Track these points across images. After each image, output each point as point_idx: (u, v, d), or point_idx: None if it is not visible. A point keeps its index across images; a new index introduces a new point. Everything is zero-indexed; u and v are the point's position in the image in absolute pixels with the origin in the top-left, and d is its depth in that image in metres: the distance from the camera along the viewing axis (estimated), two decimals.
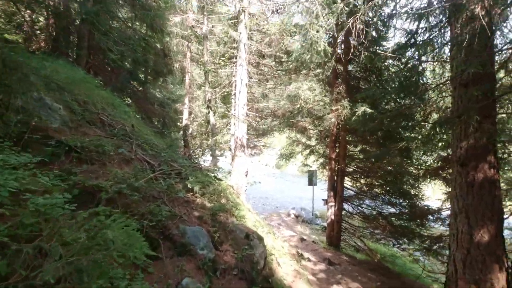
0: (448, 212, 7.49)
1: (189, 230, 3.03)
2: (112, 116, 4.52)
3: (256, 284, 3.30)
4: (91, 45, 6.51)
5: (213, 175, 5.78)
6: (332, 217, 8.98)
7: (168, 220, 2.98)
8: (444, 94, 6.90)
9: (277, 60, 9.15)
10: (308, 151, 10.69)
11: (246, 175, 7.83)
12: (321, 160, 10.70)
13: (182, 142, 8.91)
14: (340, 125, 8.92)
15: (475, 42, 3.47)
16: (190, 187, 3.64)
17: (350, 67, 9.86)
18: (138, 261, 2.04)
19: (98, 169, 3.07)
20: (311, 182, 12.06)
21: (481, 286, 3.90)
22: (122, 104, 5.94)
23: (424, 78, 6.33)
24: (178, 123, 8.78)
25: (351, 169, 9.99)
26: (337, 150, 9.12)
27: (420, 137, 7.23)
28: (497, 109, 4.39)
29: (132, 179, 3.10)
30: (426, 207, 7.65)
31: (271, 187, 17.67)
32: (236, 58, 7.81)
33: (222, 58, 8.03)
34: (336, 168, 9.12)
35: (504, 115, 5.35)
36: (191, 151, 7.57)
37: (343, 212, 9.24)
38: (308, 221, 11.59)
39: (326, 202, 9.43)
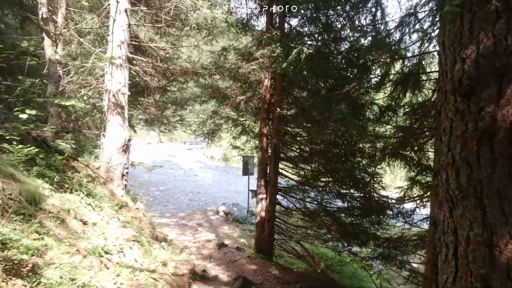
0: (412, 204, 5.47)
1: None
2: None
3: None
4: None
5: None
6: (262, 213, 6.59)
7: None
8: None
9: None
10: (239, 129, 8.22)
11: (125, 151, 5.07)
12: (256, 141, 8.31)
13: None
14: (274, 89, 6.57)
15: None
16: None
17: (294, 21, 7.60)
18: None
19: None
20: (246, 170, 9.63)
21: None
22: None
23: None
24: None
25: (292, 154, 7.71)
26: (270, 124, 6.74)
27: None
28: None
29: None
30: (384, 199, 5.54)
31: (209, 181, 14.98)
32: None
33: None
34: (269, 148, 6.74)
35: None
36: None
37: (278, 207, 6.89)
38: (241, 220, 9.12)
39: (255, 194, 7.01)
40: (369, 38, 5.18)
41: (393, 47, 4.37)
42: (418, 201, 4.78)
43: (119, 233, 3.81)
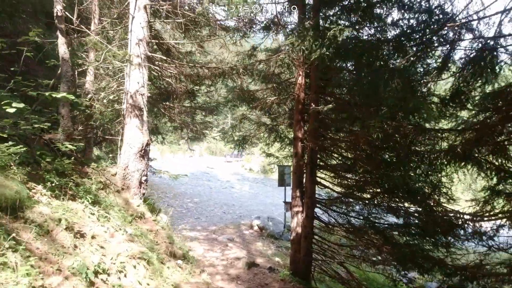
0: (493, 222, 4.20)
1: None
2: None
3: None
4: None
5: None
6: (298, 229, 5.71)
7: None
8: None
9: None
10: (272, 135, 7.51)
11: (143, 156, 4.64)
12: (291, 147, 7.51)
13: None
14: (309, 87, 5.80)
15: None
16: None
17: (331, 12, 6.84)
18: None
19: None
20: (282, 181, 8.80)
21: None
22: None
23: None
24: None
25: (332, 161, 6.75)
26: (305, 126, 5.94)
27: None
28: None
29: None
30: (453, 215, 4.35)
31: (245, 193, 14.37)
32: None
33: None
34: (305, 154, 5.92)
35: None
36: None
37: (317, 222, 5.95)
38: (276, 236, 8.26)
39: (289, 206, 6.17)
40: (423, 16, 4.24)
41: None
42: (505, 219, 3.58)
43: (123, 249, 3.27)
